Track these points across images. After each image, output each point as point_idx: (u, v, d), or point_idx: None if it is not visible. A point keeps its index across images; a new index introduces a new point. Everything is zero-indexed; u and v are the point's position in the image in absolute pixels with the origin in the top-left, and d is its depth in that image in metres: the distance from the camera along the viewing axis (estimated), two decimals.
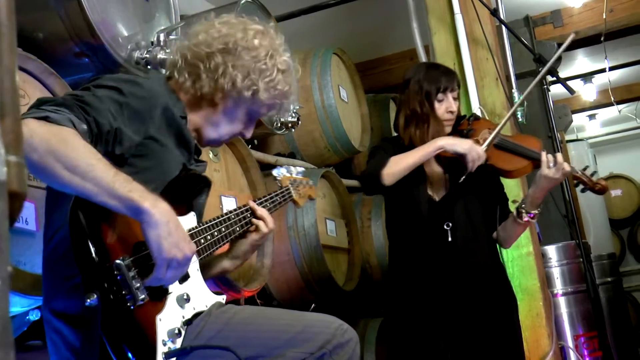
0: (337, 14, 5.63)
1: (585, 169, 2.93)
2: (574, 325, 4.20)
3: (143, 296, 1.61)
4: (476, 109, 3.74)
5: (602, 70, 7.75)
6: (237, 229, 2.06)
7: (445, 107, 2.94)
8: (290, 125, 3.70)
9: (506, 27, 3.72)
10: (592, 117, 10.39)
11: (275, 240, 3.49)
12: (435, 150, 2.81)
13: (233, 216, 2.05)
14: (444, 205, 2.95)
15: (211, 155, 3.10)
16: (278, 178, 2.42)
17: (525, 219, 2.89)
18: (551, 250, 4.30)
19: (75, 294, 1.68)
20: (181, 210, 1.86)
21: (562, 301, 4.25)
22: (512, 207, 3.03)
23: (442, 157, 2.96)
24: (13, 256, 2.13)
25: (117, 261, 1.59)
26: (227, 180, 3.18)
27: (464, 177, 2.81)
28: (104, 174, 1.54)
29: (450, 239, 2.90)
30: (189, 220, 1.90)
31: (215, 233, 1.94)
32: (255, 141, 3.83)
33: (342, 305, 4.11)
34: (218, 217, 2.00)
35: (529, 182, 4.00)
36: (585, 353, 4.13)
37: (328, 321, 1.95)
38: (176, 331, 1.71)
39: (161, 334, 1.68)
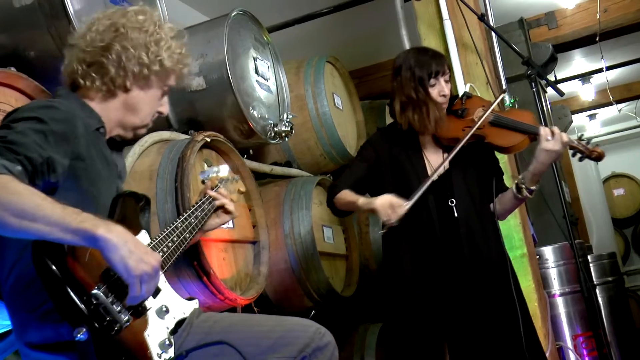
0: (332, 23, 5.66)
1: (580, 137, 2.96)
2: (572, 325, 4.22)
3: (127, 318, 1.65)
4: (466, 86, 3.76)
5: (600, 70, 7.78)
6: (187, 235, 2.11)
7: (438, 91, 3.01)
8: (284, 134, 3.74)
9: (494, 31, 3.75)
10: (592, 117, 10.40)
11: (272, 248, 3.52)
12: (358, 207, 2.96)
13: (179, 224, 2.10)
14: (444, 182, 3.00)
15: (205, 167, 3.14)
16: (206, 180, 2.49)
17: (525, 194, 2.95)
18: (548, 252, 4.33)
19: (47, 322, 1.71)
20: (133, 232, 1.88)
21: (559, 301, 4.28)
22: (508, 182, 3.13)
23: (441, 138, 3.05)
24: None
25: (94, 291, 1.61)
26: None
27: (383, 230, 2.88)
28: (53, 211, 1.54)
29: (456, 215, 2.96)
30: (143, 239, 1.94)
31: (170, 244, 1.99)
32: (251, 151, 3.86)
33: (341, 311, 4.14)
34: (166, 229, 2.05)
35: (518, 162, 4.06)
36: (584, 352, 4.14)
37: (306, 325, 1.99)
38: (167, 342, 1.77)
39: (154, 347, 1.73)
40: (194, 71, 2.25)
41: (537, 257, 4.14)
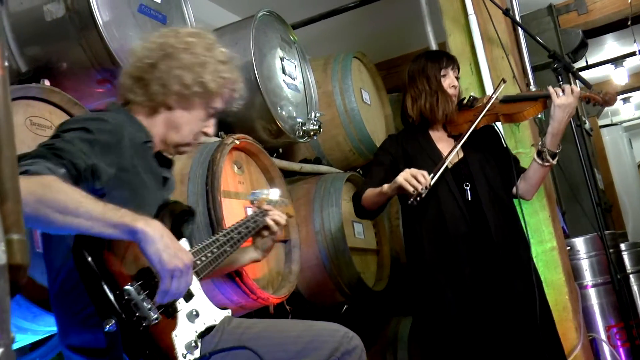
0: (359, 16, 5.68)
1: (590, 88, 3.03)
2: (605, 316, 4.20)
3: (156, 315, 1.72)
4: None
5: (633, 54, 7.69)
6: (228, 249, 2.18)
7: (448, 82, 3.14)
8: (312, 133, 3.78)
9: (520, 26, 3.75)
10: (625, 100, 10.29)
11: (304, 245, 3.57)
12: (383, 195, 2.97)
13: (221, 237, 2.18)
14: (459, 170, 3.07)
15: (236, 169, 3.19)
16: (255, 202, 2.54)
17: (547, 158, 2.99)
18: (579, 243, 4.30)
19: (87, 326, 1.79)
20: None
21: (592, 293, 4.26)
22: (526, 160, 3.17)
23: (452, 129, 3.14)
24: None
25: (126, 287, 1.69)
26: (251, 191, 3.26)
27: (411, 200, 2.83)
28: (94, 207, 1.63)
29: (470, 198, 3.02)
30: (183, 246, 2.00)
31: (209, 254, 2.06)
32: (280, 150, 3.92)
33: (373, 305, 4.18)
34: (207, 240, 2.12)
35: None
36: (618, 344, 4.12)
37: (334, 330, 2.03)
38: (193, 344, 1.83)
39: (179, 348, 1.79)
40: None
41: (569, 248, 4.13)
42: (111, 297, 1.67)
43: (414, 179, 2.78)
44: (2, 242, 0.72)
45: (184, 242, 2.02)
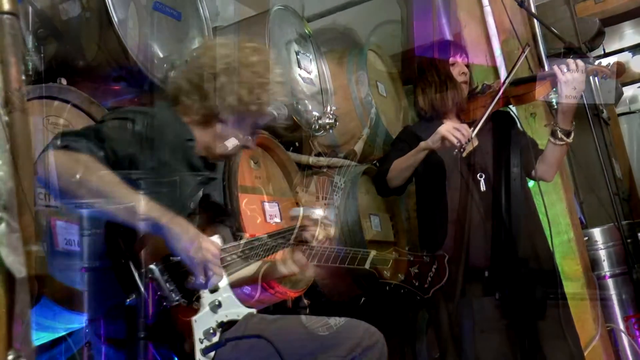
0: (374, 7, 5.66)
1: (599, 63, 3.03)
2: (623, 307, 4.17)
3: (177, 297, 1.80)
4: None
5: None
6: (261, 253, 2.21)
7: (458, 70, 3.16)
8: (328, 126, 3.78)
9: (535, 18, 3.73)
10: None
11: None
12: (422, 152, 2.94)
13: (255, 241, 2.21)
14: (473, 159, 3.07)
15: (252, 163, 3.21)
16: (294, 219, 2.50)
17: (560, 137, 2.98)
18: (597, 233, 4.28)
19: (113, 318, 1.83)
20: (208, 234, 2.01)
21: (610, 283, 4.23)
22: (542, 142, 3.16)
23: (465, 117, 3.15)
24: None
25: (150, 266, 1.76)
26: (268, 186, 3.27)
27: (456, 151, 2.84)
28: (125, 197, 1.70)
29: (484, 189, 3.02)
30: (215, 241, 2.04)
31: (240, 254, 2.09)
32: (296, 144, 3.92)
33: (391, 298, 4.17)
34: (241, 241, 2.16)
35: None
36: (637, 334, 4.10)
37: (355, 326, 2.04)
38: (211, 331, 1.88)
39: (197, 333, 1.84)
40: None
41: (586, 239, 4.12)
42: (135, 274, 1.74)
43: (457, 131, 2.79)
44: (22, 255, 0.74)
45: (216, 239, 2.05)
